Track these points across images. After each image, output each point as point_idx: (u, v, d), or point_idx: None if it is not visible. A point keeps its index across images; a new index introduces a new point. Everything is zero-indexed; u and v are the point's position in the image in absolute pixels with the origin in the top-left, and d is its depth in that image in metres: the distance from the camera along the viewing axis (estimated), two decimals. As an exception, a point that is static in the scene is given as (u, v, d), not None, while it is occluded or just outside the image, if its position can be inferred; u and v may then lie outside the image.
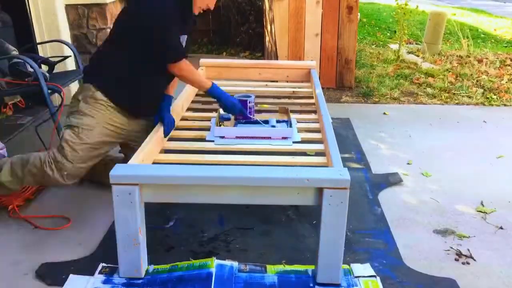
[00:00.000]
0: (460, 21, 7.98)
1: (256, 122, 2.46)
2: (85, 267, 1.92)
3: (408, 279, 1.88)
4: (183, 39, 2.28)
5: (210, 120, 2.53)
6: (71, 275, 1.86)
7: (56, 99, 3.68)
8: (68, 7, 3.88)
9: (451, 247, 2.09)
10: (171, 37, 2.14)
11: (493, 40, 7.12)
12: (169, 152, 2.17)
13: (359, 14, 4.55)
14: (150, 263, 1.91)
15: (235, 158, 2.08)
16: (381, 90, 4.37)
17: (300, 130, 2.40)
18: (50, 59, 3.13)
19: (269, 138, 2.29)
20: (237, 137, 2.29)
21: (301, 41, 4.29)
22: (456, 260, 2.01)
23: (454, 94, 4.35)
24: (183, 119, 2.57)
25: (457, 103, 4.16)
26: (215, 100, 2.37)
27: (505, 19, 9.18)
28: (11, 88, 2.88)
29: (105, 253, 2.00)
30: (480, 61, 5.41)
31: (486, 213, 2.39)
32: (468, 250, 2.06)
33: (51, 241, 2.14)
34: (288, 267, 1.92)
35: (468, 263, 1.98)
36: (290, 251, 2.05)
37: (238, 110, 2.37)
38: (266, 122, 2.48)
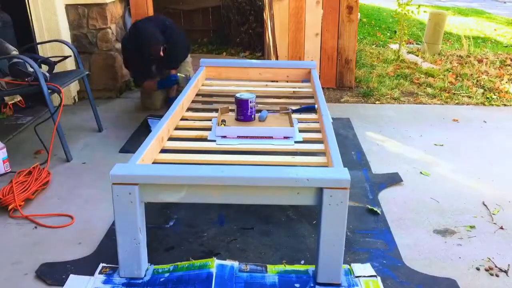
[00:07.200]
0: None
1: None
2: (85, 267, 1.93)
3: (408, 279, 1.88)
4: None
5: (210, 120, 2.53)
6: (71, 275, 1.86)
7: (56, 99, 3.68)
8: (68, 7, 3.88)
9: (490, 259, 2.01)
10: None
11: (493, 40, 7.12)
12: (169, 152, 2.17)
13: (359, 14, 4.54)
14: (150, 263, 1.91)
15: (235, 158, 2.07)
16: (381, 90, 4.37)
17: (300, 130, 2.40)
18: (50, 59, 3.13)
19: (271, 137, 2.29)
20: (238, 137, 2.29)
21: (301, 41, 4.29)
22: (486, 270, 1.94)
23: (454, 94, 4.35)
24: (183, 119, 2.57)
25: (457, 103, 4.15)
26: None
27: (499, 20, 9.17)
28: (11, 88, 2.88)
29: (105, 253, 2.00)
30: (480, 61, 5.41)
31: (486, 213, 2.39)
32: (509, 265, 1.98)
33: (51, 240, 2.14)
34: (289, 267, 1.92)
35: (497, 275, 1.92)
36: (290, 251, 2.05)
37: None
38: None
